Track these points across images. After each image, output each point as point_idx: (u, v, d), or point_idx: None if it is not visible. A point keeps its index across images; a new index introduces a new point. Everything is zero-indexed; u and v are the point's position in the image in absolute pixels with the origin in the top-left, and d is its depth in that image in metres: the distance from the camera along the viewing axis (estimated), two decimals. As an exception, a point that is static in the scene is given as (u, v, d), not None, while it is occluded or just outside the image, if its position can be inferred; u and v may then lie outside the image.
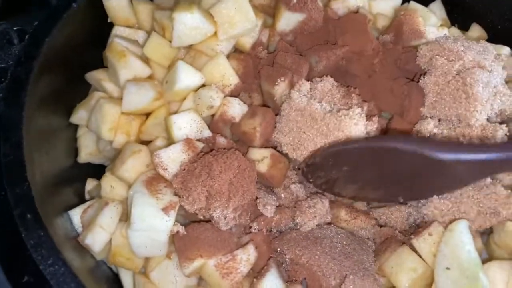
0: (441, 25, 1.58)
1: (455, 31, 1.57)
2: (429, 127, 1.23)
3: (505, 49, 1.46)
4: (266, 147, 1.23)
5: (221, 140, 1.24)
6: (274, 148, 1.24)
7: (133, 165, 1.17)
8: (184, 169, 1.12)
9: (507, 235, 1.09)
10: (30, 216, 1.00)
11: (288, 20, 1.38)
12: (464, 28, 1.67)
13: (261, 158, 1.21)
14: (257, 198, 1.15)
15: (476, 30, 1.62)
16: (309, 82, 1.26)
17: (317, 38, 1.42)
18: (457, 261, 1.03)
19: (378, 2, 1.58)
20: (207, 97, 1.24)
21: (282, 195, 1.22)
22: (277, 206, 1.17)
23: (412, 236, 1.11)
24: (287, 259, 1.11)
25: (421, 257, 1.08)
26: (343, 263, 1.08)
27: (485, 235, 1.17)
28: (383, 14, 1.57)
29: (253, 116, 1.23)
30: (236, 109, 1.26)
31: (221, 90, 1.27)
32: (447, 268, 1.03)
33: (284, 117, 1.20)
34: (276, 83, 1.24)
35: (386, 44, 1.43)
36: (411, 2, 1.61)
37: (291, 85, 1.26)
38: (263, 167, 1.19)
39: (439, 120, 1.25)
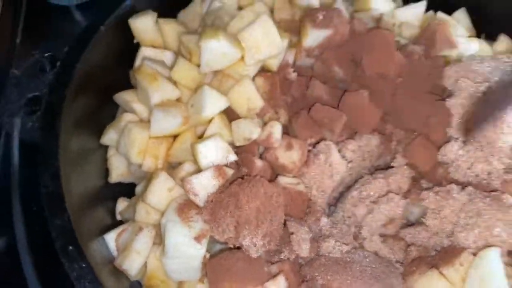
0: (469, 36, 1.56)
1: (482, 42, 1.55)
2: (453, 148, 1.24)
3: None
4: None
5: (259, 163, 1.27)
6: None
7: (158, 191, 1.21)
8: (212, 201, 1.15)
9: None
10: (71, 248, 1.05)
11: (314, 37, 1.39)
12: (491, 38, 1.65)
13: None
14: (291, 233, 1.17)
15: (504, 41, 1.60)
16: (354, 141, 1.30)
17: (343, 52, 1.41)
18: (487, 289, 1.04)
19: (403, 10, 1.57)
20: (246, 130, 1.27)
21: (312, 226, 1.24)
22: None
23: (440, 261, 1.12)
24: (318, 285, 1.13)
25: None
26: (374, 286, 1.10)
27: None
28: (409, 23, 1.56)
29: (290, 149, 1.27)
30: (279, 133, 1.29)
31: (250, 118, 1.29)
32: None
33: (316, 165, 1.26)
34: (308, 141, 1.31)
35: (413, 55, 1.42)
36: (438, 12, 1.59)
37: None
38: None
39: (465, 141, 1.25)
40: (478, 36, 1.61)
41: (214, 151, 1.21)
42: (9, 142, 1.24)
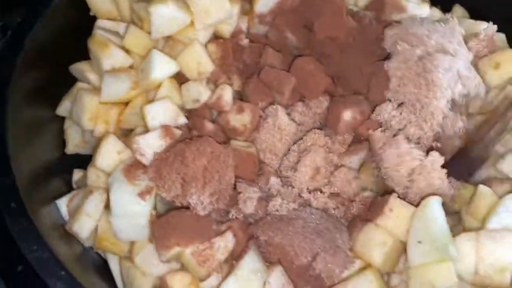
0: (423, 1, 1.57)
1: (434, 9, 1.57)
2: (388, 108, 1.27)
3: (483, 25, 1.46)
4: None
5: (210, 126, 1.28)
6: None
7: (106, 154, 1.22)
8: (158, 158, 1.15)
9: (479, 199, 1.12)
10: (13, 205, 1.05)
11: (265, 2, 1.40)
12: (447, 9, 1.66)
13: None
14: (239, 192, 1.18)
15: (458, 11, 1.62)
16: (302, 103, 1.33)
17: (295, 18, 1.42)
18: (429, 235, 1.05)
19: None
20: (195, 91, 1.28)
21: (263, 187, 1.26)
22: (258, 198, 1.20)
23: (373, 214, 1.14)
24: (262, 242, 1.14)
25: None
26: (315, 241, 1.11)
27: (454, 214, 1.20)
28: None
29: (241, 112, 1.28)
30: (229, 96, 1.30)
31: (200, 80, 1.30)
32: (419, 242, 1.06)
33: (265, 129, 1.29)
34: (258, 104, 1.32)
35: (363, 19, 1.44)
36: None
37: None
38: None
39: (401, 103, 1.27)
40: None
41: (163, 113, 1.22)
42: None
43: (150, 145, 1.17)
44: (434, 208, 1.08)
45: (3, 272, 1.07)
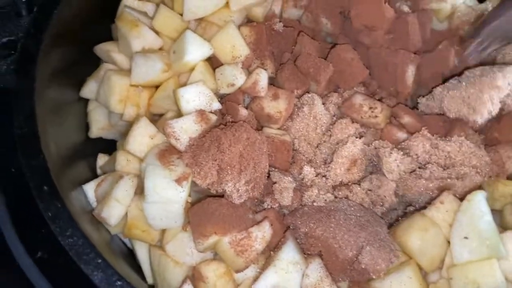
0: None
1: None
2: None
3: None
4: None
5: (244, 112, 1.24)
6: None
7: (139, 137, 1.17)
8: (194, 144, 1.11)
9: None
10: (46, 188, 1.00)
11: (300, -16, 1.36)
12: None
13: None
14: (274, 182, 1.14)
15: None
16: (337, 94, 1.29)
17: (331, 2, 1.38)
18: (476, 231, 1.03)
19: None
20: (230, 75, 1.23)
21: (296, 177, 1.22)
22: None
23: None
24: (301, 233, 1.10)
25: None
26: (359, 234, 1.07)
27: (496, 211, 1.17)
28: None
29: (276, 99, 1.24)
30: (265, 82, 1.25)
31: (235, 64, 1.25)
32: (465, 238, 1.03)
33: (300, 118, 1.25)
34: (294, 91, 1.28)
35: (401, 10, 1.40)
36: None
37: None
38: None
39: None
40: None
41: (197, 97, 1.17)
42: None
43: (185, 129, 1.12)
44: (480, 202, 1.04)
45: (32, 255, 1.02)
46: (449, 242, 1.07)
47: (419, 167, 1.17)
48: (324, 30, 1.40)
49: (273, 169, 1.21)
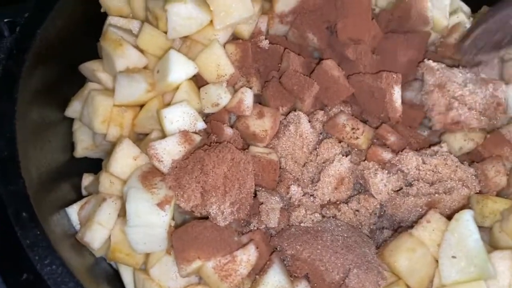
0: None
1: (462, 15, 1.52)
2: None
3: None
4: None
5: (229, 131, 1.22)
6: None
7: (122, 159, 1.15)
8: (177, 166, 1.09)
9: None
10: (25, 215, 0.98)
11: (286, 1, 1.35)
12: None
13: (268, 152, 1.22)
14: (261, 203, 1.13)
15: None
16: (323, 112, 1.29)
17: (317, 17, 1.37)
18: (464, 250, 1.01)
19: None
20: (215, 95, 1.22)
21: (284, 196, 1.21)
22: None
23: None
24: (287, 255, 1.08)
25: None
26: (346, 256, 1.06)
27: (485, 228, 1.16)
28: None
29: (261, 117, 1.23)
30: (251, 100, 1.24)
31: (220, 83, 1.24)
32: (453, 257, 1.01)
33: (286, 136, 1.23)
34: (279, 109, 1.27)
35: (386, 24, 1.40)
36: None
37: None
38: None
39: None
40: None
41: (181, 117, 1.16)
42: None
43: (168, 151, 1.11)
44: (468, 222, 1.03)
45: (10, 283, 1.00)
46: (437, 262, 1.06)
47: (406, 185, 1.16)
48: (311, 45, 1.39)
49: (260, 188, 1.19)
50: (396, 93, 1.27)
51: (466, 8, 1.57)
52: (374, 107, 1.31)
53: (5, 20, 1.29)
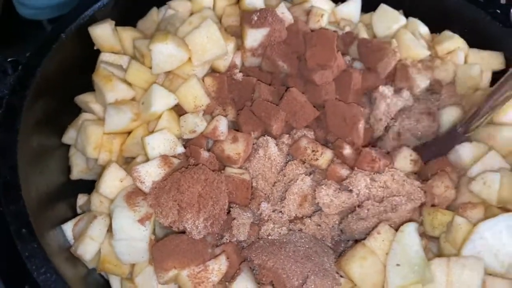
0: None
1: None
2: None
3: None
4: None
5: (206, 154, 1.37)
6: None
7: (109, 181, 1.31)
8: (156, 187, 1.24)
9: (455, 229, 1.21)
10: (24, 231, 1.14)
11: (253, 37, 1.50)
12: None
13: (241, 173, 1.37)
14: (233, 218, 1.27)
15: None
16: (288, 136, 1.44)
17: (286, 48, 1.53)
18: (407, 259, 1.15)
19: (341, 7, 1.73)
20: (192, 123, 1.38)
21: (255, 212, 1.35)
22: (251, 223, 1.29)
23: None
24: (255, 265, 1.22)
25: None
26: (305, 265, 1.19)
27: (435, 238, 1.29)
28: (347, 19, 1.71)
29: (235, 141, 1.37)
30: (225, 127, 1.40)
31: (197, 113, 1.41)
32: (397, 265, 1.15)
33: (257, 159, 1.38)
34: (251, 133, 1.42)
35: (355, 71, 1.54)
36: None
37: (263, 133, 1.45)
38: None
39: None
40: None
41: (162, 143, 1.32)
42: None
43: (150, 173, 1.26)
44: (411, 233, 1.17)
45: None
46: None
47: (358, 205, 1.30)
48: (282, 71, 1.54)
49: (234, 205, 1.34)
50: (361, 124, 1.43)
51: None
52: (342, 131, 1.45)
53: (9, 59, 1.46)
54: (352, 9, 1.72)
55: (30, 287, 1.11)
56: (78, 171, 1.50)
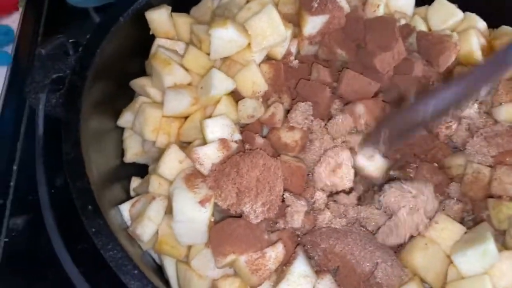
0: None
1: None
2: None
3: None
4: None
5: (260, 140, 1.36)
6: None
7: (169, 163, 1.31)
8: (215, 169, 1.25)
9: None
10: (90, 207, 1.15)
11: (313, 24, 1.49)
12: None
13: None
14: (287, 205, 1.26)
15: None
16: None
17: (344, 34, 1.51)
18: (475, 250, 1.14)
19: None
20: (251, 107, 1.38)
21: (309, 200, 1.34)
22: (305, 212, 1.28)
23: None
24: (320, 249, 1.21)
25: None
26: (374, 252, 1.19)
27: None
28: (401, 12, 1.67)
29: (292, 130, 1.37)
30: (282, 114, 1.40)
31: (255, 98, 1.40)
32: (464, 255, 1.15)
33: (311, 152, 1.38)
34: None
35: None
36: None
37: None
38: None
39: None
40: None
41: (220, 128, 1.32)
42: (33, 116, 1.37)
43: (209, 156, 1.27)
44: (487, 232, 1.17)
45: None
46: (448, 257, 1.19)
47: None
48: (340, 59, 1.52)
49: (288, 192, 1.33)
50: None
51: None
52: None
53: (70, 40, 1.49)
54: (407, 1, 1.69)
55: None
56: (132, 153, 1.51)
